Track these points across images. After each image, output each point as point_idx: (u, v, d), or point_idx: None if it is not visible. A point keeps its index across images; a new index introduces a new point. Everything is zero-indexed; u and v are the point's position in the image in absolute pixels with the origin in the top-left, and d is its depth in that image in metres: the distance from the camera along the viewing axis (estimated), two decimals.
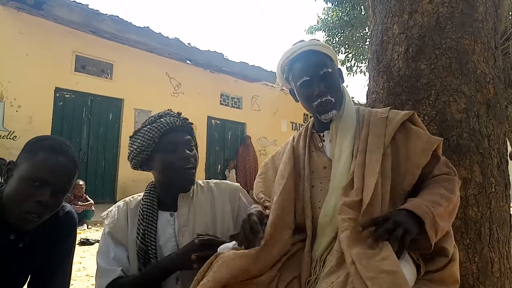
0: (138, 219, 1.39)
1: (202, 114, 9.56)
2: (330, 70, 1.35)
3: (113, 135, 8.14)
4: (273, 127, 11.26)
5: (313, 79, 1.34)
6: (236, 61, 9.64)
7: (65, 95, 7.40)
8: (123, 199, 1.49)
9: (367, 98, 1.89)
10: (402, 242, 1.00)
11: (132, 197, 1.49)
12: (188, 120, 1.48)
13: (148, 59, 8.48)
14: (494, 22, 1.73)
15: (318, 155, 1.41)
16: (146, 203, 1.42)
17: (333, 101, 1.34)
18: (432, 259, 1.16)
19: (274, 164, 1.56)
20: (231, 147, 10.46)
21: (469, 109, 1.56)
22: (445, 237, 1.16)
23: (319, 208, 1.30)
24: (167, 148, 1.38)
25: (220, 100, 10.24)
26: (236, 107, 10.61)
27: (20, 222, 1.17)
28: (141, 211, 1.40)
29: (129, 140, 1.44)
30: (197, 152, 1.51)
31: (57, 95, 7.26)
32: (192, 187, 1.48)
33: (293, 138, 1.57)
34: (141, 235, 1.35)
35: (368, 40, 8.45)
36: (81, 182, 5.97)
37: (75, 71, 7.47)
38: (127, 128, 8.26)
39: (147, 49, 8.34)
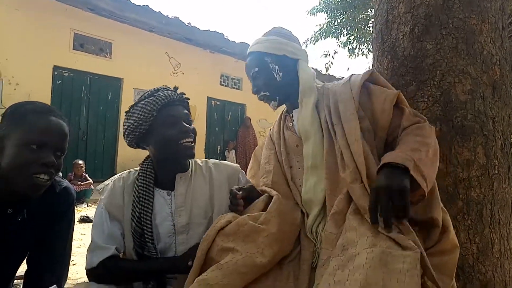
0: (133, 200, 1.36)
1: (202, 94, 9.49)
2: (257, 69, 1.50)
3: (112, 115, 8.10)
4: None
5: (251, 80, 1.55)
6: (236, 42, 9.52)
7: (64, 74, 7.32)
8: (119, 174, 1.46)
9: None
10: (399, 208, 0.99)
11: (129, 172, 1.46)
12: (184, 94, 1.46)
13: (148, 38, 8.37)
14: (502, 2, 1.69)
15: (289, 135, 1.50)
16: (142, 183, 1.38)
17: (268, 94, 1.50)
18: (426, 234, 1.17)
19: (257, 160, 1.64)
20: (231, 128, 10.43)
21: (475, 90, 1.54)
22: (431, 206, 1.16)
23: (300, 186, 1.36)
24: (166, 122, 1.34)
25: (220, 81, 10.15)
26: (236, 88, 10.53)
27: (30, 189, 1.15)
28: (136, 192, 1.37)
29: (125, 115, 1.41)
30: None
31: (56, 73, 7.18)
32: (190, 166, 1.47)
33: (270, 129, 1.69)
34: (136, 217, 1.33)
35: (370, 22, 8.33)
36: (80, 162, 5.97)
37: (73, 49, 7.37)
38: (127, 108, 8.18)
39: (146, 28, 8.22)
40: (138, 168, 1.47)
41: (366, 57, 9.14)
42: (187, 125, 1.37)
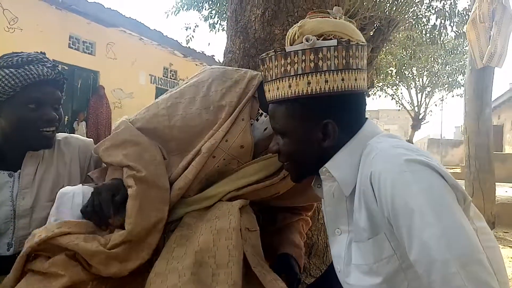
0: None
1: None
2: None
3: None
4: (130, 78, 10.57)
5: None
6: (88, 1, 8.60)
7: None
8: None
9: (224, 57, 1.92)
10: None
11: None
12: (63, 73, 1.28)
13: None
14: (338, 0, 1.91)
15: (243, 135, 1.36)
16: None
17: None
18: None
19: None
20: (81, 97, 9.48)
21: None
22: None
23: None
24: (28, 103, 1.17)
25: (69, 43, 9.07)
26: (89, 53, 9.56)
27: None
28: None
29: None
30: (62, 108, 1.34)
31: None
32: None
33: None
34: None
35: None
36: None
37: None
38: None
39: None
40: None
41: (226, 33, 9.32)
42: (53, 112, 1.22)
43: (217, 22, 8.98)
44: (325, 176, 0.94)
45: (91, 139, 1.48)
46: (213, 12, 8.80)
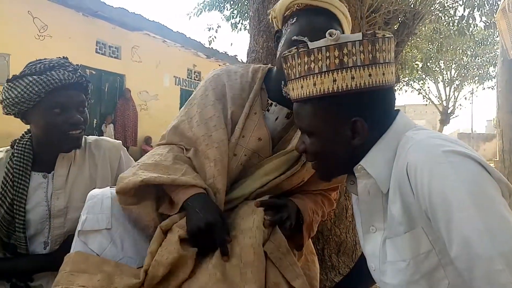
0: (5, 183, 1.21)
1: (74, 62, 8.54)
2: None
3: None
4: (155, 80, 10.77)
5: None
6: (114, 6, 8.81)
7: None
8: None
9: (247, 57, 1.93)
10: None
11: None
12: (85, 76, 1.32)
13: None
14: None
15: (258, 123, 1.31)
16: (17, 166, 1.23)
17: None
18: None
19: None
20: (109, 100, 9.73)
21: None
22: None
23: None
24: (53, 108, 1.20)
25: (96, 48, 9.32)
26: (115, 57, 9.80)
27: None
28: (11, 175, 1.22)
29: (6, 84, 1.21)
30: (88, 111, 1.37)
31: None
32: None
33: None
34: (7, 203, 1.19)
35: None
36: None
37: None
38: None
39: None
40: (6, 148, 1.31)
41: (248, 32, 9.32)
42: (77, 116, 1.25)
43: (239, 21, 9.00)
44: (360, 173, 0.91)
45: (120, 141, 1.51)
46: (235, 12, 8.82)
